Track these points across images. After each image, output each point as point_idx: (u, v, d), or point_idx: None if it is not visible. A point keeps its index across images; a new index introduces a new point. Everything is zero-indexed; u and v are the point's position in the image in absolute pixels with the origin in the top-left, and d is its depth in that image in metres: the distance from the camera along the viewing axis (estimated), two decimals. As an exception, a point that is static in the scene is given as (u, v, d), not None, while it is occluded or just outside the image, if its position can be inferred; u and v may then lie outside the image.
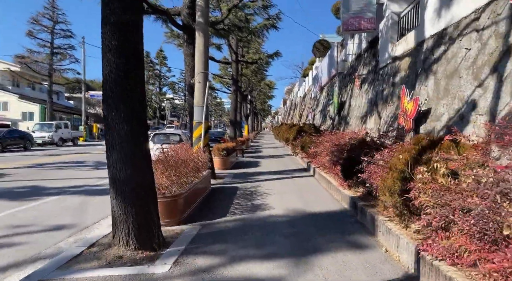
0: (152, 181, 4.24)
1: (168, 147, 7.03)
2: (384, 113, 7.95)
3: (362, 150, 5.47)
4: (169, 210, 5.24)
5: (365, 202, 5.47)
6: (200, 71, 8.85)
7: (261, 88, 38.42)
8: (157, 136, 13.61)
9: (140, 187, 4.03)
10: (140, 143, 4.06)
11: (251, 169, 12.71)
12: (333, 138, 8.75)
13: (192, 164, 6.45)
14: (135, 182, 3.99)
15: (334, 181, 7.66)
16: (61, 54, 32.29)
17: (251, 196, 7.52)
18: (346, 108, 12.05)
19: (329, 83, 17.69)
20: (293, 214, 5.85)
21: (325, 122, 16.07)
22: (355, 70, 12.09)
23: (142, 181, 4.05)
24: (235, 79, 17.88)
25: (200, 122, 8.85)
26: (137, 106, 4.02)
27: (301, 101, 33.07)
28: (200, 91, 8.88)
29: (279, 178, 10.25)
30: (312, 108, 22.20)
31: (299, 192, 7.94)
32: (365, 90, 10.15)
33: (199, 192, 6.85)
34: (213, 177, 10.09)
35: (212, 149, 12.85)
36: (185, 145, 7.28)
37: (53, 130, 27.41)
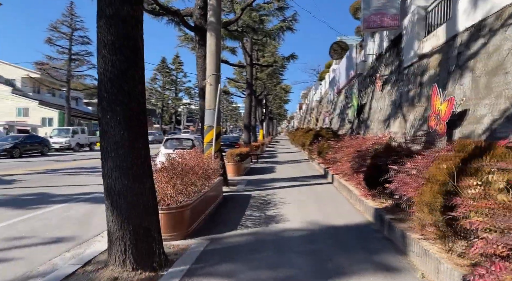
0: (152, 192, 3.78)
1: (179, 152, 6.60)
2: (410, 116, 7.30)
3: (388, 156, 4.89)
4: (174, 223, 4.77)
5: (392, 215, 4.86)
6: (211, 73, 8.43)
7: (276, 92, 37.93)
8: (169, 142, 13.28)
9: (139, 199, 3.58)
10: (139, 149, 3.61)
11: (266, 175, 12.18)
12: (354, 143, 8.14)
13: (201, 171, 5.98)
14: (133, 194, 3.54)
15: (355, 190, 7.05)
16: (79, 61, 32.74)
17: (265, 205, 6.99)
18: (366, 111, 11.40)
19: (348, 86, 17.03)
20: (311, 227, 5.28)
21: (343, 127, 15.40)
22: (375, 71, 11.44)
23: (140, 192, 3.60)
24: (249, 83, 17.46)
25: (212, 127, 8.41)
26: (136, 109, 3.59)
27: (318, 105, 32.37)
28: (211, 94, 8.45)
29: (295, 185, 9.69)
30: (329, 112, 21.52)
31: (317, 201, 7.37)
32: (387, 91, 9.51)
33: (209, 201, 6.37)
34: (226, 184, 9.62)
35: (225, 154, 12.42)
36: (195, 151, 6.84)
37: (70, 135, 27.65)
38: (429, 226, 3.13)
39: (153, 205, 3.77)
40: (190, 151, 6.92)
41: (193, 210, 5.17)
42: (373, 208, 5.53)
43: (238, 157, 12.05)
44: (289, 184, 9.86)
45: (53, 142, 27.03)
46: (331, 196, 7.93)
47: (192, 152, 6.84)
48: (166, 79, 57.84)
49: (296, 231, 5.09)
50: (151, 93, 58.77)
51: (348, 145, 8.53)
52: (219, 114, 8.61)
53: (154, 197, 3.83)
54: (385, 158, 4.89)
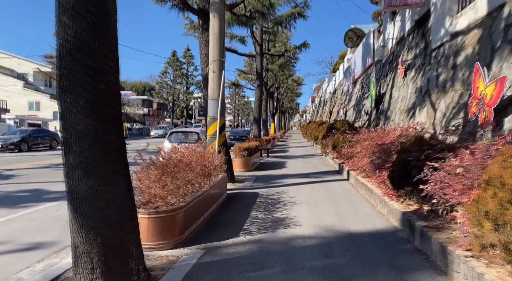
0: (128, 195, 3.04)
1: (174, 147, 5.88)
2: (441, 103, 6.38)
3: (421, 151, 4.04)
4: (164, 229, 4.05)
5: (425, 222, 4.02)
6: (214, 59, 7.65)
7: (288, 85, 36.90)
8: (174, 135, 12.63)
9: (110, 205, 2.85)
10: (109, 142, 2.87)
11: (276, 170, 11.40)
12: (373, 136, 7.27)
13: (199, 168, 5.24)
14: (102, 198, 2.82)
15: (376, 188, 6.21)
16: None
17: (273, 205, 6.22)
18: (386, 101, 10.44)
19: (364, 75, 16.00)
20: (325, 235, 4.49)
21: (359, 118, 14.45)
22: (397, 56, 10.44)
23: (112, 196, 2.87)
24: (259, 73, 16.61)
25: (215, 119, 7.66)
26: (104, 91, 2.84)
27: (331, 97, 31.28)
28: (214, 82, 7.68)
29: (307, 182, 8.88)
30: (343, 104, 20.52)
31: (332, 201, 6.55)
32: (411, 78, 8.54)
33: (210, 201, 5.64)
34: (232, 180, 8.89)
35: (233, 149, 11.68)
36: (196, 145, 6.11)
37: (79, 129, 27.33)
38: (491, 248, 2.31)
39: (129, 211, 3.03)
40: (189, 145, 6.19)
41: (188, 213, 4.44)
42: (400, 211, 4.69)
43: (246, 152, 11.29)
44: (300, 181, 9.05)
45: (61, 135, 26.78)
46: (347, 195, 7.10)
47: (191, 146, 6.11)
48: (177, 72, 57.38)
49: (308, 239, 4.30)
50: (162, 87, 58.46)
51: (367, 138, 7.66)
52: (224, 105, 7.84)
53: (131, 201, 3.09)
54: (417, 152, 4.05)
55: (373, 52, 13.78)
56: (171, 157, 4.82)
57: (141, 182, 4.22)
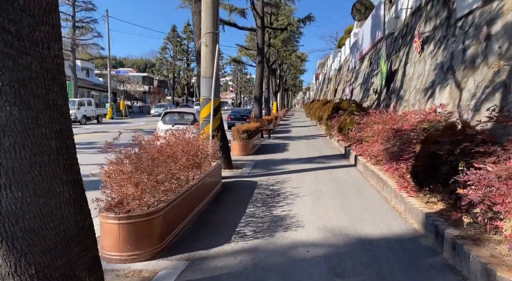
0: (73, 207, 2.29)
1: (155, 134, 5.11)
2: (469, 82, 5.50)
3: (454, 143, 3.25)
4: (138, 237, 3.34)
5: (456, 229, 3.28)
6: (207, 31, 6.73)
7: (291, 61, 35.55)
8: (168, 116, 11.80)
9: (46, 223, 2.12)
10: (44, 137, 2.10)
11: (277, 154, 10.66)
12: (387, 119, 6.46)
13: (185, 159, 4.49)
14: (35, 214, 2.08)
15: (390, 180, 5.45)
16: (83, 28, 31.02)
17: (272, 198, 5.51)
18: (399, 79, 9.50)
19: (373, 50, 14.91)
20: (333, 241, 3.78)
21: (367, 98, 13.52)
22: (412, 29, 9.41)
23: (50, 211, 2.13)
24: (260, 48, 15.54)
25: (209, 99, 6.83)
26: (37, 68, 2.04)
27: (336, 74, 30.06)
28: (207, 57, 6.80)
29: (311, 168, 8.15)
30: (349, 82, 19.48)
31: (339, 193, 5.83)
32: (429, 53, 7.59)
33: (200, 195, 4.93)
34: (229, 166, 8.19)
35: (232, 130, 10.91)
36: (183, 131, 5.32)
37: (75, 108, 26.58)
38: None
39: (76, 229, 2.30)
40: (177, 130, 5.41)
41: (171, 214, 3.72)
42: (422, 212, 3.95)
43: (245, 134, 10.50)
44: (303, 167, 8.32)
45: (58, 114, 26.06)
46: (356, 185, 6.37)
47: (184, 129, 5.33)
48: (177, 48, 55.76)
49: (313, 248, 3.59)
50: (162, 63, 57.00)
51: (378, 120, 6.85)
52: (218, 84, 6.99)
53: (81, 215, 2.35)
54: (449, 144, 3.26)
55: (384, 25, 12.65)
56: (150, 146, 4.05)
57: (111, 178, 3.48)
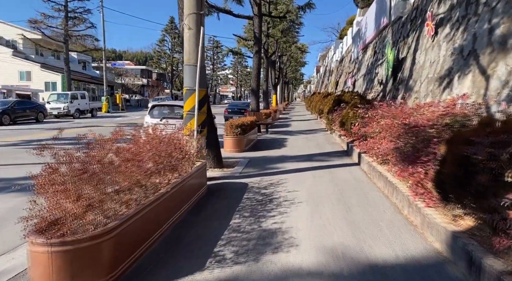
0: None
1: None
2: (498, 67, 4.64)
3: (496, 144, 2.42)
4: (77, 268, 2.54)
5: (500, 259, 2.46)
6: (190, 12, 5.85)
7: (291, 53, 34.50)
8: (156, 109, 10.90)
9: None
10: None
11: (274, 150, 9.85)
12: (396, 112, 5.61)
13: (151, 163, 3.67)
14: None
15: (402, 184, 4.63)
16: (76, 19, 30.00)
17: (263, 206, 4.70)
18: (407, 68, 8.62)
19: (377, 39, 13.96)
20: (335, 268, 2.96)
21: (371, 89, 12.64)
22: (423, 11, 8.50)
23: None
24: (257, 37, 14.61)
25: (193, 90, 5.98)
26: None
27: (337, 66, 29.06)
28: (191, 42, 5.93)
29: (310, 167, 7.33)
30: (351, 73, 18.55)
31: (341, 198, 5.01)
32: (445, 36, 6.70)
33: (174, 205, 4.12)
34: (218, 165, 7.38)
35: (225, 125, 10.08)
36: (138, 128, 4.49)
37: (68, 101, 25.73)
38: None
39: None
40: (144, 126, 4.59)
41: (127, 235, 2.92)
42: (446, 229, 3.14)
43: (239, 129, 9.67)
44: (301, 166, 7.51)
45: (50, 107, 25.26)
46: (361, 189, 5.55)
47: (150, 127, 4.50)
48: (175, 41, 54.61)
49: (308, 278, 2.78)
50: (160, 56, 55.95)
51: (387, 114, 6.00)
52: (204, 72, 6.14)
53: None
54: (488, 146, 2.43)
55: (389, 11, 11.71)
56: (107, 146, 3.21)
57: (44, 190, 2.66)
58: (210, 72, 69.68)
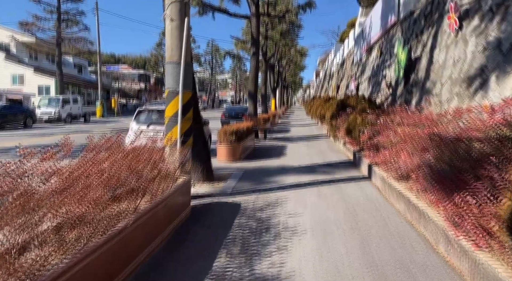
0: None
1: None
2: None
3: None
4: None
5: None
6: (173, 0, 4.92)
7: (291, 56, 33.64)
8: (143, 114, 9.91)
9: None
10: None
11: (273, 160, 8.89)
12: (419, 119, 4.67)
13: (100, 192, 2.71)
14: None
15: (431, 211, 3.66)
16: (69, 21, 29.10)
17: (258, 237, 3.73)
18: (422, 68, 7.69)
19: (384, 38, 13.05)
20: None
21: (378, 93, 11.72)
22: (440, 4, 7.58)
23: None
24: (255, 39, 13.71)
25: (176, 92, 5.04)
26: None
27: (338, 69, 28.19)
28: (173, 36, 5.00)
29: (314, 182, 6.37)
30: (354, 76, 17.66)
31: (355, 227, 4.04)
32: (473, 29, 5.78)
33: (143, 239, 3.17)
34: (209, 178, 6.44)
35: (218, 132, 9.12)
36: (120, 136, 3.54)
37: (60, 105, 24.78)
38: None
39: None
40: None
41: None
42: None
43: (234, 136, 8.72)
44: (303, 179, 6.56)
45: (41, 112, 24.33)
46: (377, 212, 4.59)
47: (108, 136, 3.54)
48: (173, 44, 53.76)
49: None
50: (158, 60, 55.09)
51: (405, 121, 5.07)
52: (189, 71, 5.19)
53: None
54: None
55: (398, 7, 10.82)
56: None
57: None
58: (209, 76, 68.90)
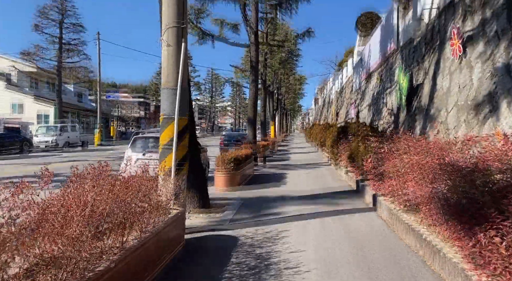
0: None
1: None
2: None
3: None
4: None
5: None
6: (170, 25, 4.80)
7: (289, 84, 33.98)
8: (139, 141, 9.67)
9: None
10: None
11: (272, 188, 8.55)
12: (430, 147, 4.42)
13: (87, 222, 2.41)
14: None
15: (447, 248, 3.32)
16: (70, 50, 29.52)
17: (256, 277, 3.37)
18: (425, 95, 7.54)
19: (383, 66, 13.09)
20: None
21: (378, 120, 11.58)
22: (441, 31, 7.55)
23: None
24: (254, 66, 13.77)
25: (171, 118, 4.81)
26: None
27: (337, 97, 28.37)
28: (169, 61, 4.84)
29: (316, 213, 6.02)
30: (354, 103, 17.64)
31: (364, 267, 3.68)
32: (478, 55, 5.66)
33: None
34: (205, 207, 6.15)
35: (216, 159, 8.85)
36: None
37: (57, 133, 24.63)
38: None
39: None
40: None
41: None
42: None
43: (232, 164, 8.45)
44: (305, 209, 6.21)
45: (38, 140, 24.18)
46: (387, 249, 4.23)
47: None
48: (173, 73, 54.66)
49: None
50: (158, 88, 55.73)
51: (412, 149, 4.81)
52: (186, 96, 5.00)
53: None
54: None
55: (397, 35, 10.89)
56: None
57: None
58: (209, 103, 69.56)
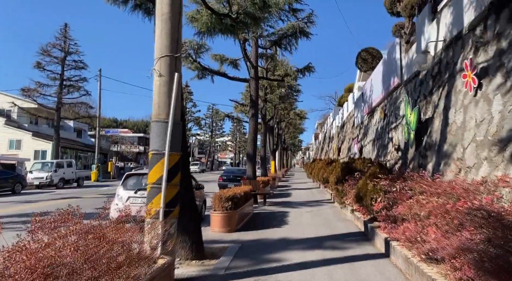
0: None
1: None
2: None
3: None
4: None
5: None
6: (162, 54, 4.47)
7: (290, 119, 33.91)
8: (131, 179, 9.11)
9: None
10: None
11: (273, 230, 7.87)
12: (453, 189, 3.90)
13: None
14: None
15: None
16: (71, 87, 29.65)
17: None
18: (436, 130, 7.11)
19: (387, 101, 12.81)
20: None
21: (384, 156, 11.09)
22: (449, 64, 7.25)
23: None
24: (254, 101, 13.54)
25: (161, 154, 4.33)
26: None
27: (338, 132, 28.10)
28: (161, 92, 4.45)
29: (322, 260, 5.35)
30: (357, 139, 17.25)
31: None
32: (496, 87, 5.27)
33: None
34: (198, 255, 5.48)
35: (213, 197, 8.25)
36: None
37: (52, 170, 24.05)
38: None
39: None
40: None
41: None
42: None
43: (229, 203, 7.84)
44: (309, 256, 5.53)
45: (32, 177, 23.54)
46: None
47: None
48: (174, 109, 54.98)
49: None
50: (158, 124, 55.79)
51: (428, 189, 4.28)
52: (178, 130, 4.54)
53: None
54: None
55: (401, 70, 10.69)
56: None
57: None
58: (209, 138, 69.43)
